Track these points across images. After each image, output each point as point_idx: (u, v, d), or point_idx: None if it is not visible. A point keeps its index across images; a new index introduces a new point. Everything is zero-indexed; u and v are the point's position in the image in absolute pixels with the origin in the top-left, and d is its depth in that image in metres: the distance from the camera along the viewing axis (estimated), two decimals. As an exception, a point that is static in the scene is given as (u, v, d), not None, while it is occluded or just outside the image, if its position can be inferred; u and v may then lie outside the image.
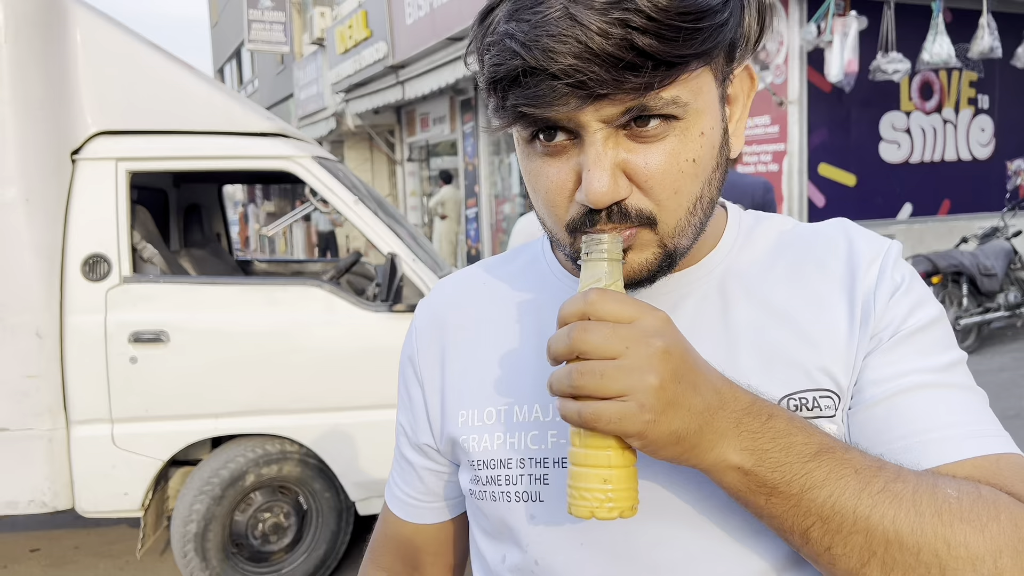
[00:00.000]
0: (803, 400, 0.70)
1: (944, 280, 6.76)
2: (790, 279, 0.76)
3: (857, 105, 7.99)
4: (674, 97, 0.63)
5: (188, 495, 3.19)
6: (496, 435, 0.77)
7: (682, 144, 0.65)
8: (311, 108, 19.39)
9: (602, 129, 0.63)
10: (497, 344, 0.81)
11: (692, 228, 0.69)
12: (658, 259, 0.68)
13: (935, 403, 0.69)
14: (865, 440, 0.70)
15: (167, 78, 3.35)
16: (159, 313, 3.15)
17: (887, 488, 0.61)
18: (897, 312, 0.72)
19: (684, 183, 0.66)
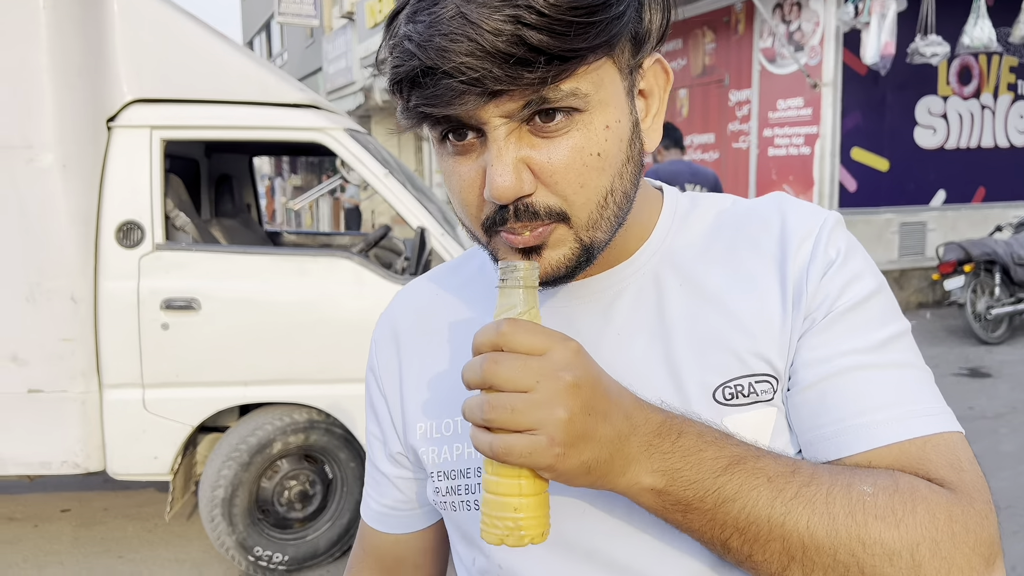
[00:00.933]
0: (739, 387, 0.70)
1: (976, 268, 6.66)
2: (724, 261, 0.74)
3: (893, 89, 7.86)
4: (573, 89, 0.62)
5: (216, 460, 3.24)
6: (455, 446, 0.78)
7: (586, 138, 0.64)
8: (339, 82, 19.41)
9: (504, 125, 0.63)
10: (449, 356, 0.81)
11: (606, 221, 0.68)
12: (575, 254, 0.67)
13: (864, 385, 0.68)
14: (799, 424, 0.70)
15: (202, 47, 3.36)
16: (190, 281, 3.18)
17: (800, 493, 0.61)
18: (830, 290, 0.70)
19: (590, 177, 0.65)
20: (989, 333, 6.76)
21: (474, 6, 0.58)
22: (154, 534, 3.84)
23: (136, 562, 3.56)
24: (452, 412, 0.78)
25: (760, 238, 0.74)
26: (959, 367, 6.23)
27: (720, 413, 0.69)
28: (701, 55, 9.25)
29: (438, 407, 0.80)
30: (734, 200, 0.80)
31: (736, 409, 0.69)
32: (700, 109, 9.36)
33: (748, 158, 8.59)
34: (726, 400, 0.70)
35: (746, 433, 0.67)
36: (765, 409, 0.70)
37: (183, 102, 3.30)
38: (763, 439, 0.69)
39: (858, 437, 0.67)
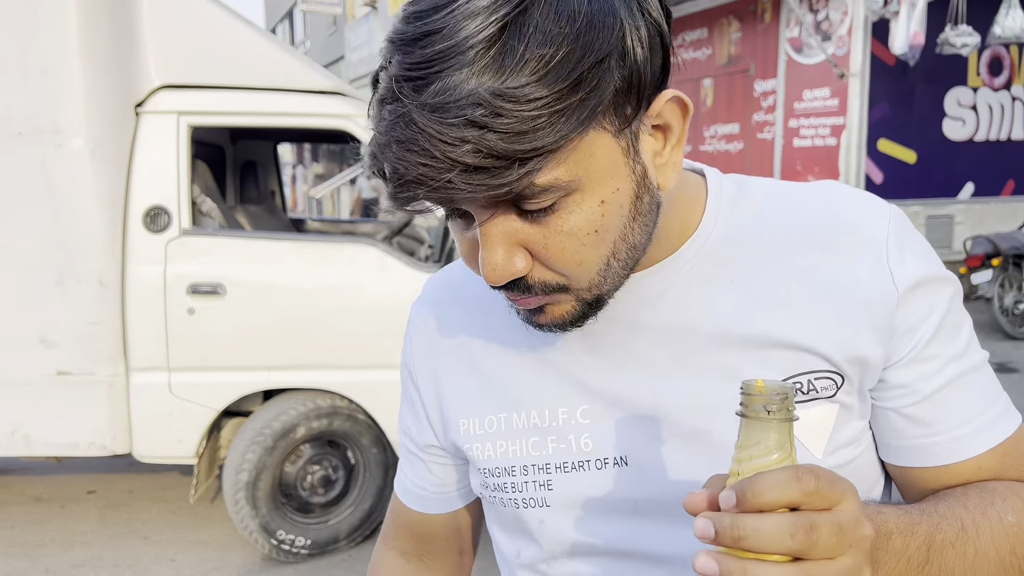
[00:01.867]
0: (798, 384, 0.68)
1: (1005, 263, 6.58)
2: (778, 252, 0.71)
3: (922, 79, 7.76)
4: (552, 181, 0.56)
5: (240, 445, 3.27)
6: (499, 443, 0.76)
7: (580, 219, 0.60)
8: (362, 71, 19.43)
9: (487, 211, 0.59)
10: (488, 350, 0.78)
11: (612, 278, 0.65)
12: (578, 310, 0.65)
13: (964, 393, 0.70)
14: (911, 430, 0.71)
15: (228, 33, 3.37)
16: (216, 266, 3.20)
17: (977, 551, 0.64)
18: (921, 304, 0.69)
19: (587, 254, 0.61)
20: (1017, 328, 6.67)
21: (427, 112, 0.53)
22: (178, 516, 3.89)
23: (161, 543, 3.61)
24: (495, 409, 0.76)
25: (818, 230, 0.71)
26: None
27: None
28: (727, 44, 9.16)
29: (479, 403, 0.78)
30: (782, 184, 0.77)
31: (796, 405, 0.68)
32: (725, 99, 9.28)
33: (773, 149, 8.52)
34: None
35: (802, 430, 0.67)
36: (826, 406, 0.68)
37: (210, 88, 3.31)
38: (823, 437, 0.69)
39: (969, 443, 0.70)
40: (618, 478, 0.71)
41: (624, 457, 0.70)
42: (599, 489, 0.71)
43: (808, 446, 0.68)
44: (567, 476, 0.72)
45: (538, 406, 0.74)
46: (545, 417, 0.73)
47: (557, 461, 0.72)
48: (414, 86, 0.54)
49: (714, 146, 9.51)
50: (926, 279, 0.70)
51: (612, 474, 0.71)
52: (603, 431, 0.71)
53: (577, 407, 0.72)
